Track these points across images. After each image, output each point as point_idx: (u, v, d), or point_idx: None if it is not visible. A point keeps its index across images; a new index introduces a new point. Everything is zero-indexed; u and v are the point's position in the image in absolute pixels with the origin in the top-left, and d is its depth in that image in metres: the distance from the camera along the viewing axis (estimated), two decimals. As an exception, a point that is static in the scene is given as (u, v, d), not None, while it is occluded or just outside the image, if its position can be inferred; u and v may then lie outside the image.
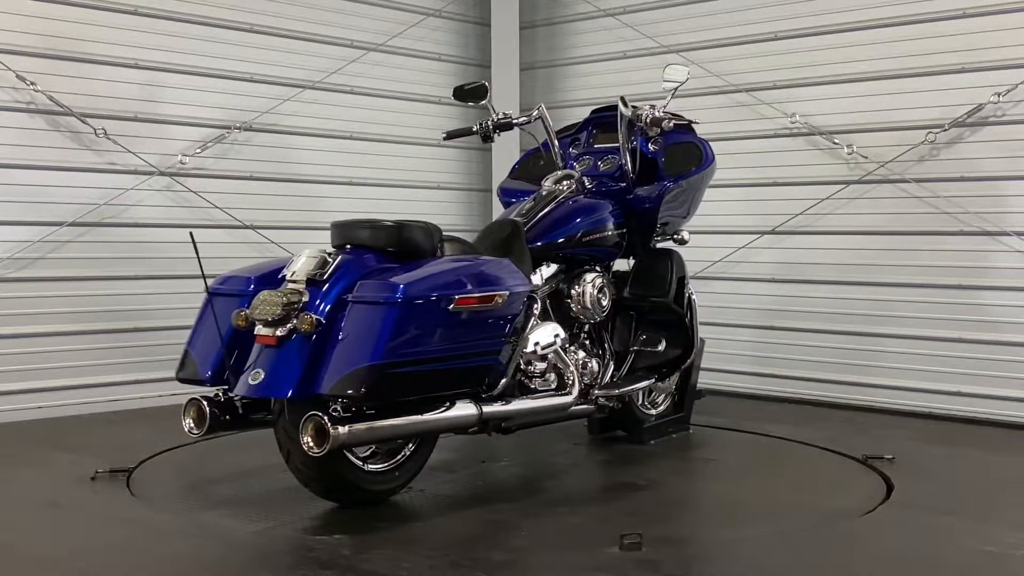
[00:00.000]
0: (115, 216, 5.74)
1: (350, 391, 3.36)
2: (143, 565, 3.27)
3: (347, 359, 3.40)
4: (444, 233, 3.97)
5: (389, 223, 3.82)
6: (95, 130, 5.62)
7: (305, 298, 3.50)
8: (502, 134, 4.84)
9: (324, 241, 6.42)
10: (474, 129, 4.74)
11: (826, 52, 6.05)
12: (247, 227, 6.20)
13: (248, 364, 3.52)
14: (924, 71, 5.70)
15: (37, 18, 5.48)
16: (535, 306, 4.08)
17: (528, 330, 4.01)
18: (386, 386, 3.42)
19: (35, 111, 5.49)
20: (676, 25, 6.64)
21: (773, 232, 6.24)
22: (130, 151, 5.74)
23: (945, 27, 5.63)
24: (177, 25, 5.95)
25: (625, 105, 4.63)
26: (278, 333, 3.46)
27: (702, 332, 6.43)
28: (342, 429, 3.34)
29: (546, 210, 4.48)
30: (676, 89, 4.70)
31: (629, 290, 4.75)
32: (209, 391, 3.68)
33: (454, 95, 4.83)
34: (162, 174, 5.88)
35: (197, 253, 3.53)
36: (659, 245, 4.91)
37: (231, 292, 3.70)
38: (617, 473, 4.50)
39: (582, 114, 5.19)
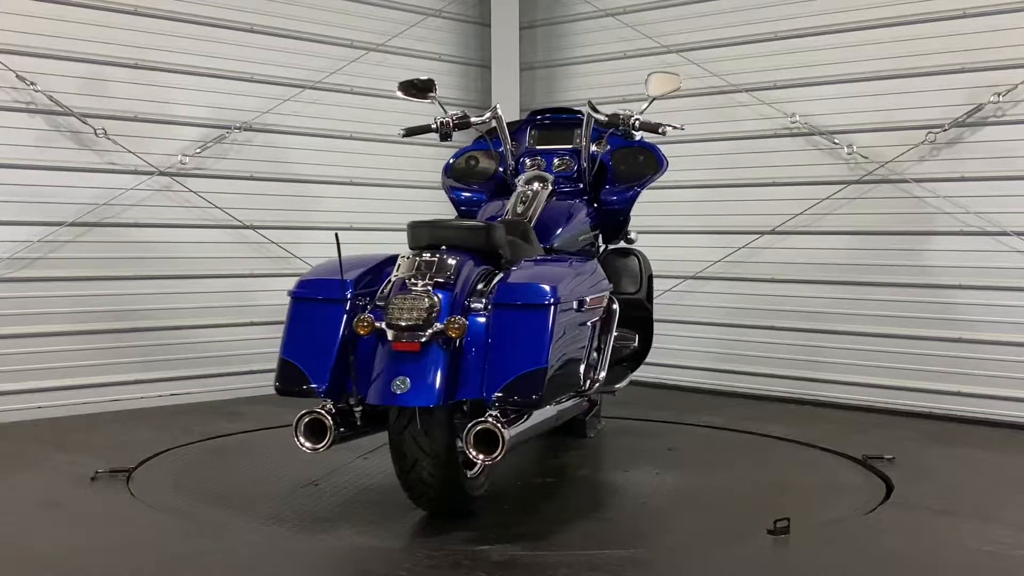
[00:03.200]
0: (115, 216, 5.74)
1: (525, 395, 3.32)
2: (143, 565, 3.26)
3: (512, 363, 3.35)
4: None
5: (480, 224, 3.78)
6: (95, 130, 5.62)
7: (438, 301, 3.42)
8: (460, 132, 4.81)
9: (326, 241, 6.46)
10: (433, 127, 4.71)
11: (826, 52, 6.05)
12: (247, 227, 6.20)
13: (379, 372, 3.40)
14: (924, 71, 5.70)
15: (37, 18, 5.48)
16: (614, 305, 4.11)
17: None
18: (550, 388, 3.40)
19: (35, 111, 5.49)
20: (676, 25, 6.64)
21: (773, 232, 6.24)
22: (130, 151, 5.74)
23: (945, 27, 5.63)
24: (177, 25, 5.95)
25: (594, 110, 4.62)
26: (422, 339, 3.36)
27: (701, 331, 6.51)
28: (510, 434, 3.29)
29: (540, 211, 4.45)
30: (654, 99, 4.68)
31: None
32: (310, 402, 3.54)
33: (398, 88, 4.76)
34: (162, 174, 5.88)
35: (339, 254, 3.50)
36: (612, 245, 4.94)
37: (330, 298, 3.52)
38: (610, 470, 4.50)
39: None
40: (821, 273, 6.09)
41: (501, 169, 4.80)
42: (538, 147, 4.78)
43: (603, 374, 4.18)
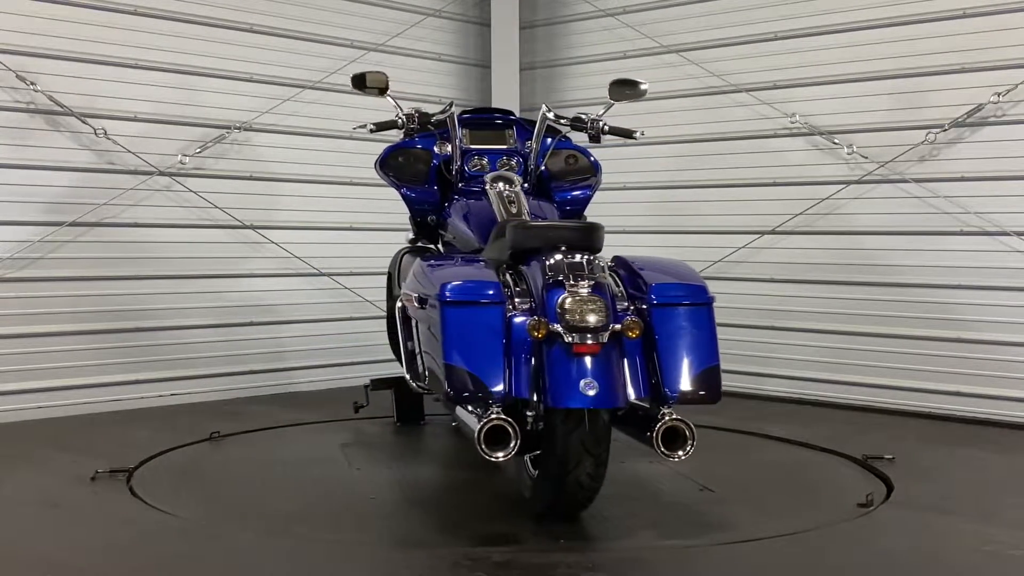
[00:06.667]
0: (115, 216, 5.74)
1: (705, 392, 3.41)
2: (143, 565, 3.27)
3: (691, 362, 3.41)
4: None
5: (592, 223, 3.76)
6: (95, 130, 5.62)
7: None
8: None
9: (325, 241, 6.47)
10: (398, 124, 4.70)
11: (826, 52, 6.05)
12: (247, 227, 6.20)
13: (562, 374, 3.34)
14: (924, 71, 5.71)
15: (37, 18, 5.48)
16: None
17: None
18: None
19: (35, 111, 5.49)
20: (676, 25, 6.65)
21: (773, 232, 6.24)
22: (130, 151, 5.74)
23: (945, 27, 5.63)
24: (177, 25, 5.95)
25: (551, 112, 4.63)
26: (604, 340, 3.35)
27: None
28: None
29: (529, 211, 4.44)
30: (612, 105, 4.68)
31: None
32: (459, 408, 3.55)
33: (352, 83, 4.73)
34: (162, 174, 5.88)
35: (528, 257, 3.52)
36: None
37: (492, 300, 3.44)
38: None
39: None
40: (821, 273, 6.09)
41: (435, 164, 4.78)
42: (473, 146, 4.77)
43: None
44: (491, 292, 3.44)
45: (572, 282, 3.41)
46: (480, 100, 7.24)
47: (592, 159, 4.90)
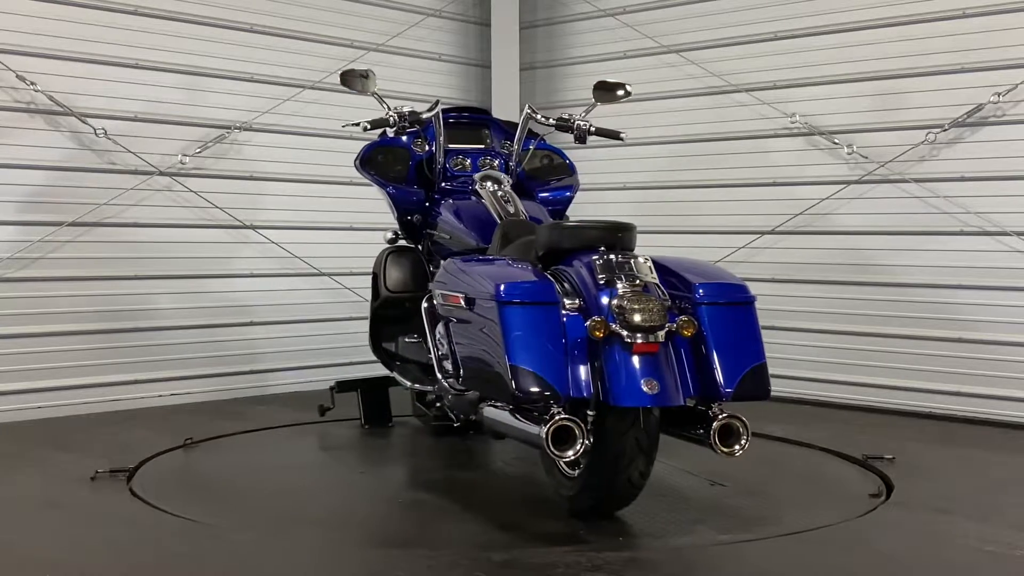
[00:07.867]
0: (115, 216, 5.74)
1: (756, 389, 3.47)
2: (143, 565, 3.27)
3: (740, 360, 3.44)
4: None
5: (627, 223, 3.77)
6: (95, 130, 5.62)
7: None
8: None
9: (325, 241, 6.47)
10: (390, 122, 4.70)
11: (826, 52, 6.06)
12: (247, 227, 6.20)
13: (622, 373, 3.34)
14: (924, 71, 5.71)
15: (37, 18, 5.48)
16: None
17: None
18: None
19: (35, 111, 5.49)
20: (676, 25, 6.65)
21: (773, 232, 6.24)
22: (130, 151, 5.74)
23: (945, 27, 5.63)
24: (177, 25, 5.95)
25: (534, 112, 4.64)
26: (660, 339, 3.36)
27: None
28: None
29: (525, 212, 4.44)
30: (595, 106, 4.69)
31: None
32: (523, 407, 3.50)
33: (341, 80, 4.65)
34: (162, 174, 5.88)
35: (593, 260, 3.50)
36: None
37: (548, 301, 3.41)
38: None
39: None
40: (821, 273, 6.09)
41: (414, 162, 4.79)
42: (452, 146, 4.77)
43: None
44: (550, 292, 3.43)
45: (624, 282, 3.41)
46: (480, 100, 7.24)
47: (568, 160, 4.91)
